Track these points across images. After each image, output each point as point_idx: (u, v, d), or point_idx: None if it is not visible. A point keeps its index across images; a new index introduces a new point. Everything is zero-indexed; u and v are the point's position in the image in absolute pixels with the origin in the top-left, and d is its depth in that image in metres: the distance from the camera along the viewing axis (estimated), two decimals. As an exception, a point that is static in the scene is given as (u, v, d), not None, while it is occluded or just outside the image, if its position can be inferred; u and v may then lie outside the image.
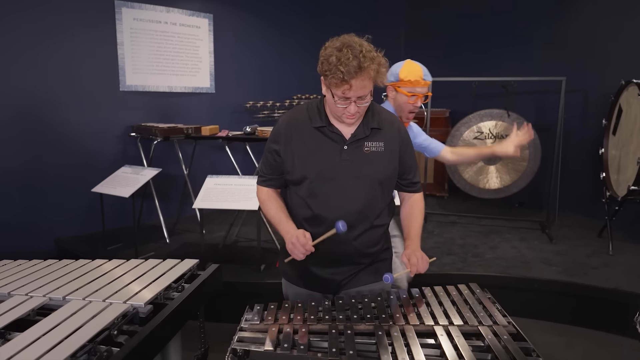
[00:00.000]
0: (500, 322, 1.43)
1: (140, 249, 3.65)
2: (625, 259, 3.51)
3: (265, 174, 1.66)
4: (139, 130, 4.10)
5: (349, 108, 1.45)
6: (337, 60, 1.36)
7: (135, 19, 4.19)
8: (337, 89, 1.42)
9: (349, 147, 1.55)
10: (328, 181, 1.54)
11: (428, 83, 2.12)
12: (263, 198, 1.67)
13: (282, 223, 1.58)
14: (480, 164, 4.50)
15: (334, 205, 1.55)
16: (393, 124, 1.63)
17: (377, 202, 1.60)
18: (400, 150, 1.61)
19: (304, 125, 1.57)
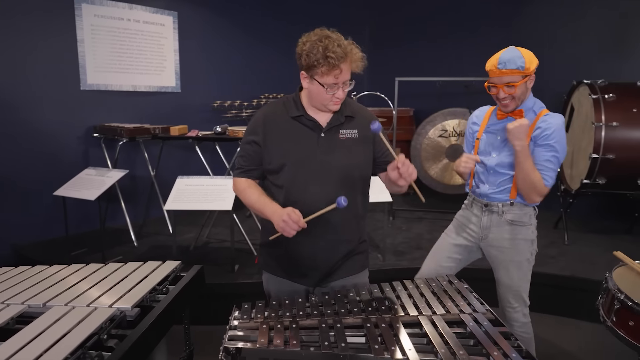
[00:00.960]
0: (480, 310, 1.52)
1: (107, 253, 3.54)
2: (579, 248, 3.75)
3: (244, 165, 1.68)
4: (103, 130, 3.97)
5: (338, 93, 1.53)
6: (324, 49, 1.44)
7: (96, 15, 4.04)
8: (328, 77, 1.49)
9: (325, 134, 1.62)
10: (307, 167, 1.60)
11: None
12: (243, 187, 1.67)
13: (267, 205, 1.59)
14: (446, 161, 4.67)
15: (313, 191, 1.60)
16: (365, 113, 1.72)
17: (354, 189, 1.66)
18: (374, 137, 1.68)
19: (281, 117, 1.64)
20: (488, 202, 2.02)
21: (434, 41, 5.70)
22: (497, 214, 2.00)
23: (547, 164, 1.86)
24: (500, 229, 2.01)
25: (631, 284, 1.58)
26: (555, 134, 1.85)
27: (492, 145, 2.03)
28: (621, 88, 3.68)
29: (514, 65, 1.82)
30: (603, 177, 3.61)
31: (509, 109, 1.93)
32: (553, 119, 1.88)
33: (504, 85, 1.86)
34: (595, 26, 4.49)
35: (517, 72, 1.83)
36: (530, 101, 1.95)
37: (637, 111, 3.50)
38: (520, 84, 1.85)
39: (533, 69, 1.86)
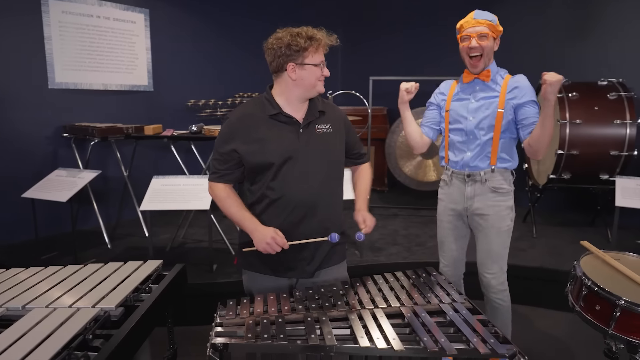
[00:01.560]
0: (458, 300, 1.58)
1: (79, 256, 3.45)
2: (547, 241, 3.92)
3: (220, 169, 1.68)
4: (73, 130, 3.86)
5: (325, 70, 1.65)
6: (305, 33, 1.57)
7: (64, 12, 3.93)
8: (316, 55, 1.60)
9: (304, 130, 1.67)
10: (291, 163, 1.64)
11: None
12: (222, 195, 1.69)
13: (247, 220, 1.64)
14: (419, 158, 4.77)
15: (298, 186, 1.65)
16: (334, 108, 1.82)
17: (334, 182, 1.75)
18: (345, 131, 1.79)
19: (257, 117, 1.66)
20: (470, 172, 2.09)
21: (408, 41, 5.80)
22: (480, 183, 2.07)
23: (536, 118, 1.97)
24: (484, 196, 2.08)
25: (597, 271, 1.67)
26: (530, 91, 1.99)
27: (466, 109, 2.08)
28: (584, 87, 3.86)
29: (489, 17, 1.98)
30: (568, 172, 3.78)
31: (477, 68, 2.03)
32: (522, 78, 2.03)
33: (477, 34, 1.97)
34: (559, 26, 4.69)
35: (490, 24, 1.97)
36: (494, 67, 2.07)
37: (598, 109, 3.68)
38: (490, 38, 1.98)
39: (500, 31, 2.01)
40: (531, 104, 2.00)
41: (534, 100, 2.00)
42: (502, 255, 2.13)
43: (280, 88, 1.66)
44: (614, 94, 3.71)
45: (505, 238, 2.12)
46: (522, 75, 2.06)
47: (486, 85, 2.07)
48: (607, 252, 1.77)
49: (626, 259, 1.77)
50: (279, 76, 1.65)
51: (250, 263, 1.78)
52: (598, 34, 4.44)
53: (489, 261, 2.13)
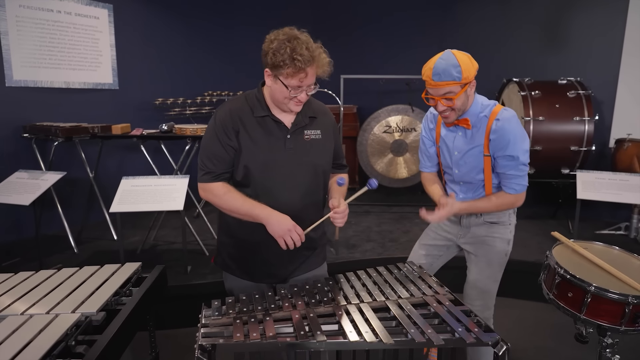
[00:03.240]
0: (440, 292, 1.62)
1: (44, 261, 3.30)
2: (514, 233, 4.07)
3: (215, 170, 1.59)
4: (34, 130, 3.68)
5: (301, 96, 1.52)
6: (292, 51, 1.41)
7: (21, 5, 3.73)
8: (293, 79, 1.46)
9: (291, 136, 1.60)
10: (274, 169, 1.58)
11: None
12: (221, 192, 1.58)
13: (257, 208, 1.54)
14: (391, 156, 4.85)
15: (280, 193, 1.59)
16: (326, 113, 1.73)
17: (319, 189, 1.69)
18: (334, 138, 1.73)
19: (246, 116, 1.58)
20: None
21: (379, 39, 5.87)
22: (475, 216, 1.94)
23: (514, 171, 1.78)
24: (479, 228, 1.95)
25: (568, 260, 1.76)
26: (512, 141, 1.73)
27: (451, 160, 1.93)
28: (545, 85, 4.03)
29: (449, 77, 1.67)
30: (532, 167, 3.94)
31: (450, 120, 1.80)
32: (504, 124, 1.74)
33: (442, 97, 1.72)
34: (521, 27, 4.88)
35: (454, 83, 1.68)
36: (476, 107, 1.79)
37: (559, 107, 3.86)
38: (459, 95, 1.70)
39: (472, 75, 1.71)
40: (507, 159, 1.77)
41: (510, 156, 1.75)
42: (489, 289, 1.96)
43: (267, 89, 1.60)
44: (573, 92, 3.90)
45: (495, 271, 1.96)
46: (506, 118, 1.75)
47: (469, 132, 1.84)
48: (576, 242, 1.87)
49: (593, 247, 1.87)
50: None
51: (228, 266, 1.74)
52: (558, 36, 4.66)
53: (474, 293, 1.98)
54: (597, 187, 3.42)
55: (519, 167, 1.77)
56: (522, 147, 1.75)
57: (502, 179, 1.83)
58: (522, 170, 1.78)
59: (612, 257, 1.79)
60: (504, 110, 1.79)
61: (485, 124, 1.78)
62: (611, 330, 1.58)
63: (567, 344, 2.61)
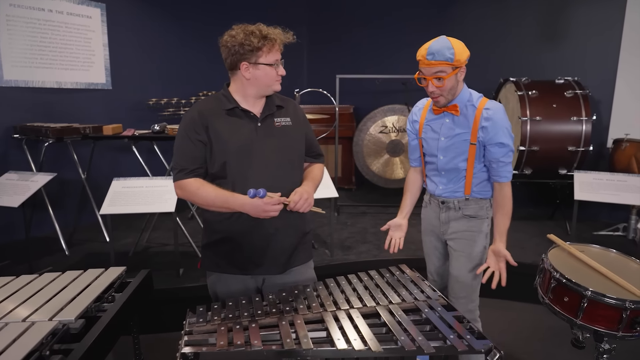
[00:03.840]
0: (433, 297, 1.58)
1: (34, 264, 3.25)
2: (509, 235, 3.96)
3: (187, 166, 1.61)
4: (25, 130, 3.63)
5: (280, 70, 1.62)
6: (259, 32, 1.53)
7: (11, 4, 3.68)
8: (271, 54, 1.57)
9: (262, 124, 1.65)
10: (250, 158, 1.61)
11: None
12: (194, 187, 1.59)
13: (230, 198, 1.55)
14: (387, 156, 4.80)
15: (257, 180, 1.60)
16: (292, 103, 1.79)
17: (295, 173, 1.72)
18: (305, 127, 1.78)
19: (215, 112, 1.63)
20: (444, 200, 1.97)
21: (375, 39, 5.83)
22: (454, 210, 1.95)
23: (505, 158, 1.83)
24: (457, 222, 1.96)
25: (564, 264, 1.72)
26: (501, 130, 1.79)
27: (437, 147, 1.94)
28: (542, 85, 3.99)
29: (442, 57, 1.74)
30: (529, 167, 3.90)
31: (440, 103, 1.86)
32: (495, 114, 1.80)
33: (433, 77, 1.78)
34: (519, 26, 4.84)
35: (446, 63, 1.75)
36: (465, 94, 1.86)
37: (556, 106, 3.82)
38: (449, 77, 1.77)
39: (464, 60, 1.78)
40: (498, 146, 1.81)
41: (501, 143, 1.80)
42: (472, 283, 1.97)
43: (236, 85, 1.65)
44: (570, 92, 3.86)
45: (476, 265, 1.97)
46: (496, 108, 1.82)
47: (456, 119, 1.88)
48: (572, 245, 1.82)
49: (590, 250, 1.83)
50: (234, 74, 1.64)
51: (217, 264, 1.73)
52: (555, 35, 4.62)
53: (457, 286, 2.00)
54: (595, 188, 3.38)
55: (509, 153, 1.84)
56: (510, 135, 1.84)
57: (493, 168, 1.86)
58: (510, 157, 1.85)
59: (609, 260, 1.74)
60: (490, 101, 1.85)
61: (474, 112, 1.84)
62: (608, 336, 1.54)
63: (564, 348, 2.57)
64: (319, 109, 5.44)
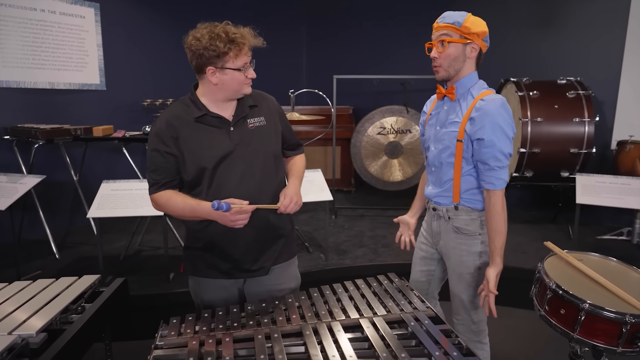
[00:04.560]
0: (420, 308, 1.49)
1: (23, 268, 3.19)
2: (510, 239, 3.84)
3: (159, 179, 1.56)
4: (15, 132, 3.58)
5: (250, 73, 1.53)
6: (226, 35, 1.43)
7: (3, 4, 3.63)
8: (239, 59, 1.48)
9: (235, 128, 1.58)
10: (225, 165, 1.56)
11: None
12: (164, 199, 1.56)
13: (197, 207, 1.50)
14: (385, 158, 4.71)
15: (236, 187, 1.56)
16: (266, 99, 1.71)
17: (274, 176, 1.65)
18: (280, 122, 1.71)
19: (184, 120, 1.55)
20: (435, 206, 1.81)
21: (374, 38, 5.75)
22: (444, 220, 1.78)
23: (492, 161, 1.60)
24: (447, 235, 1.78)
25: (561, 273, 1.63)
26: (489, 125, 1.57)
27: (433, 136, 1.78)
28: (544, 85, 3.89)
29: (451, 20, 1.62)
30: (530, 170, 3.81)
31: (439, 74, 1.68)
32: (487, 105, 1.58)
33: (438, 41, 1.64)
34: (519, 25, 4.74)
35: (453, 27, 1.60)
36: (469, 80, 1.67)
37: (558, 107, 3.72)
38: (454, 43, 1.60)
39: (475, 32, 1.60)
40: (483, 143, 1.59)
41: (485, 139, 1.58)
42: (470, 305, 1.79)
43: (204, 89, 1.57)
44: (572, 93, 3.76)
45: (467, 287, 1.77)
46: (492, 100, 1.60)
47: (452, 105, 1.70)
48: (570, 253, 1.73)
49: (589, 259, 1.74)
50: (201, 77, 1.55)
51: (196, 268, 1.69)
52: (557, 34, 4.51)
53: (456, 302, 1.83)
54: (598, 191, 3.27)
55: (497, 156, 1.58)
56: (503, 133, 1.58)
57: (480, 170, 1.65)
58: (500, 161, 1.60)
59: (609, 269, 1.65)
60: (494, 94, 1.64)
61: (470, 102, 1.64)
62: (607, 351, 1.45)
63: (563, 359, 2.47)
64: (318, 109, 5.36)
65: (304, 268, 3.28)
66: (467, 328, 1.82)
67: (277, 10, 5.89)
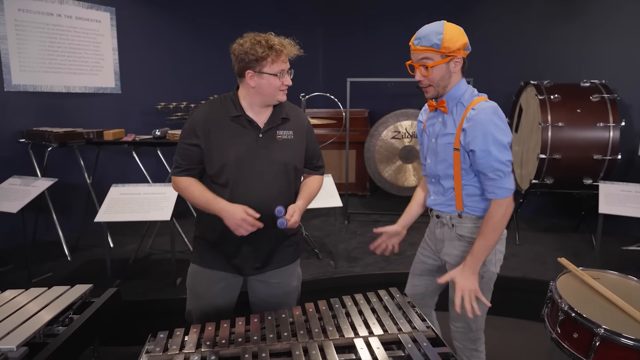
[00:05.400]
0: (420, 328, 1.40)
1: (35, 269, 3.23)
2: (530, 248, 3.77)
3: (183, 164, 1.70)
4: (30, 135, 3.63)
5: (286, 80, 1.63)
6: (266, 42, 1.56)
7: (20, 9, 3.70)
8: (276, 64, 1.58)
9: (264, 135, 1.67)
10: (247, 167, 1.65)
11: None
12: (185, 185, 1.68)
13: (212, 201, 1.62)
14: (399, 162, 4.60)
15: (253, 191, 1.65)
16: (299, 115, 1.80)
17: (290, 187, 1.74)
18: (306, 138, 1.78)
19: (220, 117, 1.67)
20: (439, 214, 1.78)
21: (387, 42, 5.65)
22: (448, 227, 1.75)
23: (489, 172, 1.56)
24: (451, 243, 1.76)
25: (575, 293, 1.51)
26: (481, 134, 1.54)
27: (428, 148, 1.77)
28: (565, 89, 3.72)
29: (428, 42, 1.56)
30: (551, 177, 3.64)
31: (429, 94, 1.66)
32: (477, 115, 1.55)
33: (420, 65, 1.60)
34: (539, 25, 4.56)
35: (431, 50, 1.56)
36: (458, 90, 1.64)
37: (581, 111, 3.55)
38: (437, 65, 1.57)
39: (456, 48, 1.56)
40: (482, 154, 1.56)
41: (478, 150, 1.55)
42: (465, 315, 1.68)
43: (243, 92, 1.68)
44: (597, 96, 3.58)
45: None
46: (482, 108, 1.57)
47: (445, 117, 1.68)
48: (586, 271, 1.61)
49: (606, 277, 1.61)
50: (242, 81, 1.67)
51: (203, 258, 1.78)
52: (580, 34, 4.32)
53: (453, 312, 1.78)
54: (622, 201, 3.10)
55: (493, 165, 1.55)
56: (497, 142, 1.53)
57: (482, 182, 1.62)
58: (497, 172, 1.56)
59: (628, 290, 1.53)
60: (485, 102, 1.60)
61: (462, 112, 1.62)
62: (624, 381, 1.33)
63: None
64: (333, 112, 5.29)
65: (311, 275, 3.21)
66: (464, 336, 1.80)
67: (292, 11, 5.85)
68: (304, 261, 3.47)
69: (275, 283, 1.78)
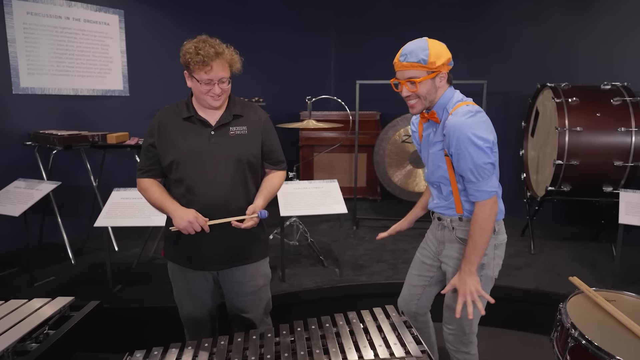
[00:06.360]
0: (414, 353, 1.30)
1: (38, 272, 3.22)
2: (545, 258, 3.60)
3: (144, 166, 1.80)
4: (37, 138, 3.63)
5: (214, 89, 1.67)
6: (197, 49, 1.63)
7: (29, 13, 3.71)
8: (200, 73, 1.64)
9: (216, 132, 1.75)
10: (200, 163, 1.71)
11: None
12: (145, 186, 1.79)
13: (166, 202, 1.71)
14: (410, 167, 4.48)
15: (208, 187, 1.71)
16: (255, 112, 1.86)
17: (247, 181, 1.79)
18: (262, 133, 1.83)
19: (174, 119, 1.77)
20: (440, 216, 1.85)
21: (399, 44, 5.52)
22: (448, 230, 1.81)
23: (468, 175, 1.60)
24: (452, 245, 1.81)
25: (587, 317, 1.38)
26: (454, 138, 1.56)
27: (426, 157, 1.84)
28: (585, 91, 3.55)
29: (414, 58, 1.60)
30: (568, 184, 3.47)
31: (415, 110, 1.70)
32: (458, 117, 1.57)
33: (406, 81, 1.64)
34: (558, 25, 4.37)
35: (419, 66, 1.60)
36: (444, 99, 1.68)
37: (600, 115, 3.37)
38: (423, 81, 1.61)
39: (440, 64, 1.61)
40: (459, 157, 1.60)
41: (461, 154, 1.59)
42: (460, 318, 1.72)
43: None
44: (618, 99, 3.40)
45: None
46: (458, 111, 1.60)
47: (437, 126, 1.72)
48: (600, 292, 1.48)
49: (623, 299, 1.48)
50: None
51: (172, 255, 1.87)
52: (600, 34, 4.12)
53: (447, 314, 1.84)
54: (645, 210, 2.92)
55: (471, 168, 1.58)
56: (472, 144, 1.55)
57: (465, 184, 1.67)
58: (477, 172, 1.59)
59: (647, 314, 1.39)
60: (464, 106, 1.62)
61: (445, 119, 1.67)
62: (640, 418, 1.20)
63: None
64: (343, 115, 5.19)
65: (315, 283, 3.12)
66: (457, 339, 1.84)
67: (303, 12, 5.78)
68: (308, 268, 3.38)
69: (240, 282, 1.85)
